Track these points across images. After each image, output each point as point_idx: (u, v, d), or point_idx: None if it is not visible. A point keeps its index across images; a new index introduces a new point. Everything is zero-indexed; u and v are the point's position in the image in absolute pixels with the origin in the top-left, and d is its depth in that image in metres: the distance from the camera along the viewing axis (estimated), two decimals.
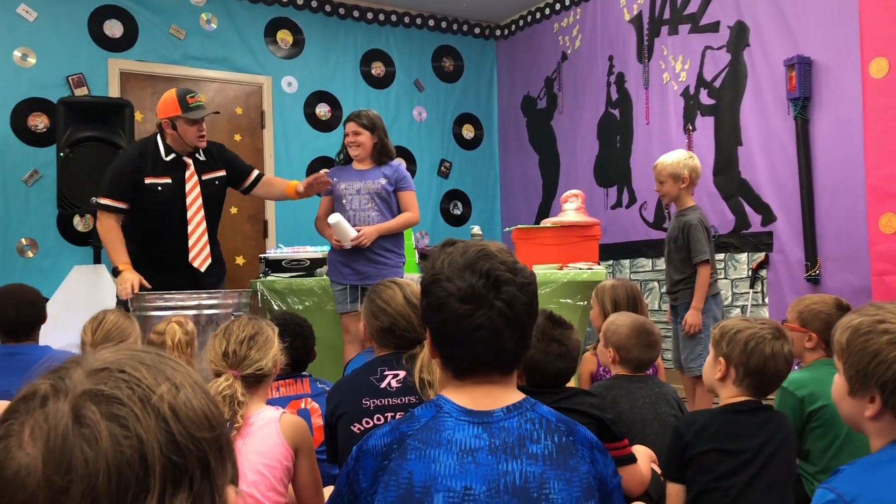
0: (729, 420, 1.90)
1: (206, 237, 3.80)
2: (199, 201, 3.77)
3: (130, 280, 3.50)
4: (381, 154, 4.10)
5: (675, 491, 1.94)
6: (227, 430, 0.69)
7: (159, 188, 3.70)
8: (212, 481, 0.65)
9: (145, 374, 0.65)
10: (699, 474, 1.85)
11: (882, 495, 1.23)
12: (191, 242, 3.75)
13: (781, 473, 1.86)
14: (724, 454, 1.84)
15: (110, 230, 3.65)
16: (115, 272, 3.60)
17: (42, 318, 3.05)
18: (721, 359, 1.94)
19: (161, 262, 3.75)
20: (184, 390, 0.66)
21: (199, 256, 3.78)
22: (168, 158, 3.73)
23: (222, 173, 3.91)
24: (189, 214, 3.75)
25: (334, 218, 3.90)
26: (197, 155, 3.80)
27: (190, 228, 3.76)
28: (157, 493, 0.60)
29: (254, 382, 2.00)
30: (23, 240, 5.47)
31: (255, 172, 4.05)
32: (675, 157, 3.89)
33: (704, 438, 1.86)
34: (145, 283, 3.55)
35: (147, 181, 3.68)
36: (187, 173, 3.76)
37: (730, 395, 1.95)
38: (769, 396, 2.26)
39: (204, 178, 3.82)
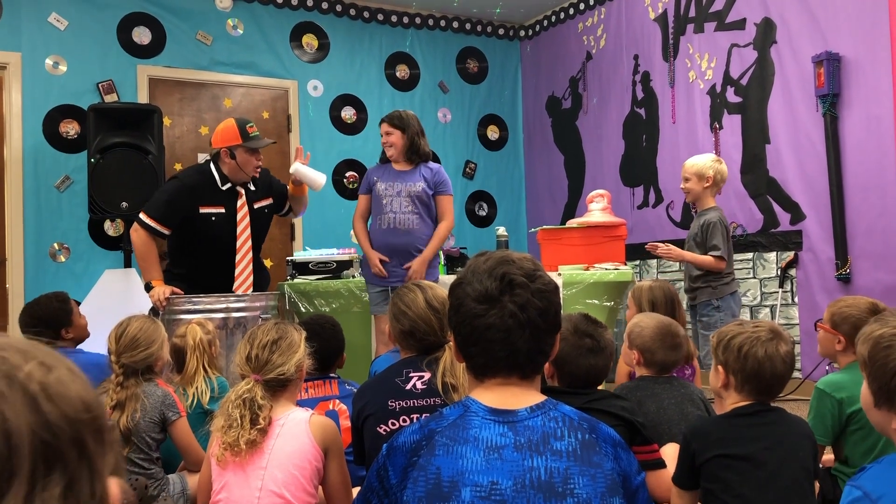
0: (732, 424, 1.87)
1: (250, 267, 3.85)
2: (248, 231, 3.83)
3: (162, 291, 3.56)
4: (413, 154, 4.12)
5: (680, 500, 1.91)
6: (106, 417, 0.66)
7: (213, 218, 3.75)
8: (91, 465, 0.62)
9: (13, 354, 0.63)
10: (710, 483, 1.82)
11: None
12: (237, 271, 3.81)
13: (799, 479, 1.80)
14: (729, 459, 1.80)
15: (147, 244, 3.70)
16: (148, 287, 3.66)
17: (62, 321, 3.09)
18: (720, 367, 1.93)
19: (204, 284, 3.79)
20: (57, 371, 0.64)
21: (244, 285, 3.84)
22: (224, 188, 3.78)
23: (270, 202, 3.99)
24: (238, 244, 3.81)
25: (294, 167, 3.93)
26: (249, 185, 3.85)
27: (238, 258, 3.82)
28: (26, 473, 0.57)
29: (277, 387, 2.02)
30: (55, 244, 5.56)
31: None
32: (703, 158, 4.04)
33: (709, 445, 1.84)
34: (177, 290, 3.60)
35: (202, 210, 3.73)
36: (239, 203, 3.81)
37: (733, 401, 1.92)
38: (792, 396, 2.23)
39: (255, 206, 3.88)
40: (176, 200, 3.71)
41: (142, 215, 3.71)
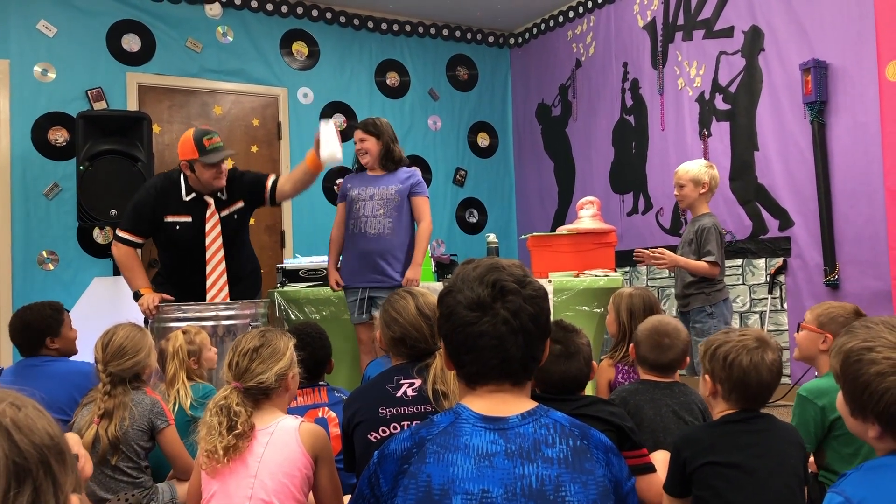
0: (722, 431, 1.87)
1: (224, 277, 3.77)
2: (219, 241, 3.75)
3: (151, 298, 3.54)
4: (387, 160, 4.10)
5: None
6: (66, 444, 0.84)
7: (177, 227, 3.71)
8: (54, 482, 0.79)
9: None
10: (701, 490, 1.81)
11: (888, 498, 1.25)
12: (209, 283, 3.74)
13: (790, 486, 1.79)
14: (719, 466, 1.80)
15: (127, 256, 3.69)
16: (136, 296, 3.63)
17: (49, 329, 3.06)
18: (707, 376, 1.93)
19: (185, 292, 3.76)
20: (25, 410, 0.82)
21: (213, 289, 3.77)
22: (188, 199, 3.73)
23: (240, 205, 3.87)
24: (208, 255, 3.74)
25: (323, 124, 3.73)
26: (219, 194, 3.78)
27: (208, 269, 3.74)
28: (3, 487, 0.75)
29: (258, 395, 2.00)
30: (43, 252, 5.53)
31: (271, 181, 3.91)
32: (698, 164, 4.05)
33: (699, 452, 1.83)
34: (167, 296, 3.58)
35: (167, 219, 3.70)
36: (208, 212, 3.75)
37: (721, 410, 1.92)
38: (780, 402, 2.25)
39: (223, 214, 3.79)
40: (140, 210, 3.70)
41: (117, 229, 3.75)
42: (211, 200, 3.75)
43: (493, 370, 1.33)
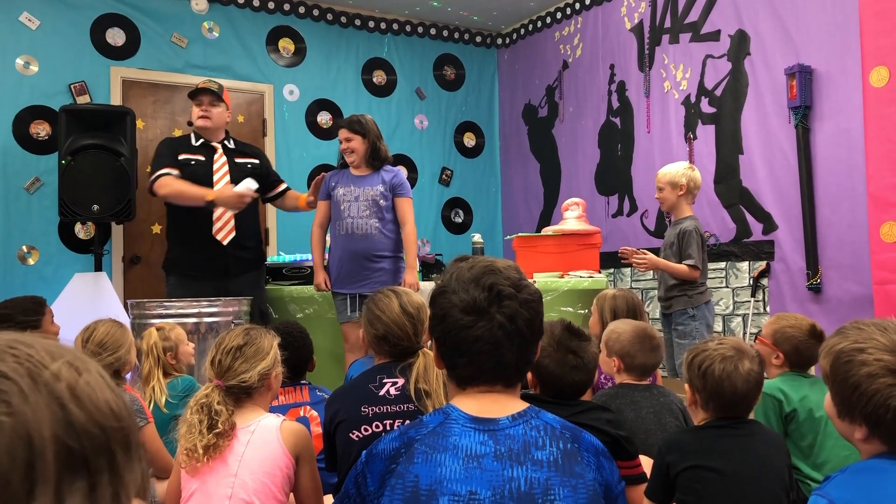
0: (707, 435, 1.87)
1: (228, 213, 4.00)
2: (227, 178, 4.05)
3: (229, 188, 3.90)
4: (374, 158, 4.09)
5: None
6: (136, 429, 0.62)
7: (192, 163, 4.05)
8: (116, 479, 0.58)
9: (39, 351, 0.59)
10: (685, 495, 1.81)
11: (872, 501, 1.25)
12: (215, 216, 3.99)
13: (774, 490, 1.79)
14: (703, 470, 1.80)
15: (175, 180, 3.97)
16: (211, 204, 3.88)
17: (26, 324, 3.03)
18: (686, 385, 1.94)
19: (193, 242, 4.00)
20: (87, 375, 0.59)
21: (223, 230, 4.01)
22: (197, 144, 4.12)
23: (257, 161, 4.28)
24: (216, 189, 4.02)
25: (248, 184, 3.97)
26: (226, 142, 4.18)
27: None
28: (53, 481, 0.53)
29: (240, 393, 1.98)
30: (24, 247, 5.47)
31: (283, 186, 4.45)
32: (676, 166, 4.08)
33: (683, 456, 1.83)
34: (245, 194, 3.90)
35: (181, 157, 4.05)
36: (216, 155, 4.11)
37: (702, 419, 1.93)
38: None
39: (237, 160, 4.16)
40: (166, 149, 4.14)
41: (153, 176, 4.03)
42: (218, 146, 4.16)
43: (487, 373, 1.32)
